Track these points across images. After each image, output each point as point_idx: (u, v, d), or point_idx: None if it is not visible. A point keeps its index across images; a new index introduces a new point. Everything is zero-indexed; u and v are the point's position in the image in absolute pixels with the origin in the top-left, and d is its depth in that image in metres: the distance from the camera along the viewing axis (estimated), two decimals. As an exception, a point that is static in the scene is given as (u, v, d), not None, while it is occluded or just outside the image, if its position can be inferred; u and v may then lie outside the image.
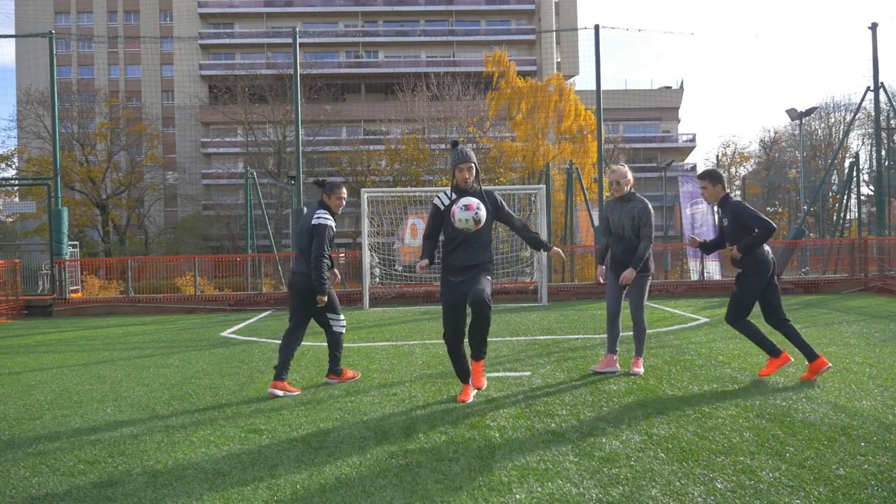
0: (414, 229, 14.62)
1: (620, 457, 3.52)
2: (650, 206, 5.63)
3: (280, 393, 5.18)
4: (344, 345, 8.16)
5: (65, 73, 48.67)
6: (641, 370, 5.66)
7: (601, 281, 5.98)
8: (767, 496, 2.95)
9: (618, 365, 5.76)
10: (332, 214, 5.47)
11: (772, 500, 2.91)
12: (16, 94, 40.91)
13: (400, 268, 14.67)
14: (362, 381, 5.73)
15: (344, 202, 5.61)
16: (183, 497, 3.17)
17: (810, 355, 5.19)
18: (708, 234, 19.11)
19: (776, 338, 5.52)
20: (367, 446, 3.86)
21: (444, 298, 4.89)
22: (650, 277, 5.73)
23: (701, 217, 19.36)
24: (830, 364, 5.29)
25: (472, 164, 4.74)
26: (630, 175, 5.70)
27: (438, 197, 4.87)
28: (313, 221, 5.32)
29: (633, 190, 5.71)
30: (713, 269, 16.78)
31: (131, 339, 9.42)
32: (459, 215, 4.54)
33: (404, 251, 14.94)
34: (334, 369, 5.70)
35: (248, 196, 18.18)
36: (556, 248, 5.04)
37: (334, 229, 5.44)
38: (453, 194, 4.78)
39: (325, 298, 5.35)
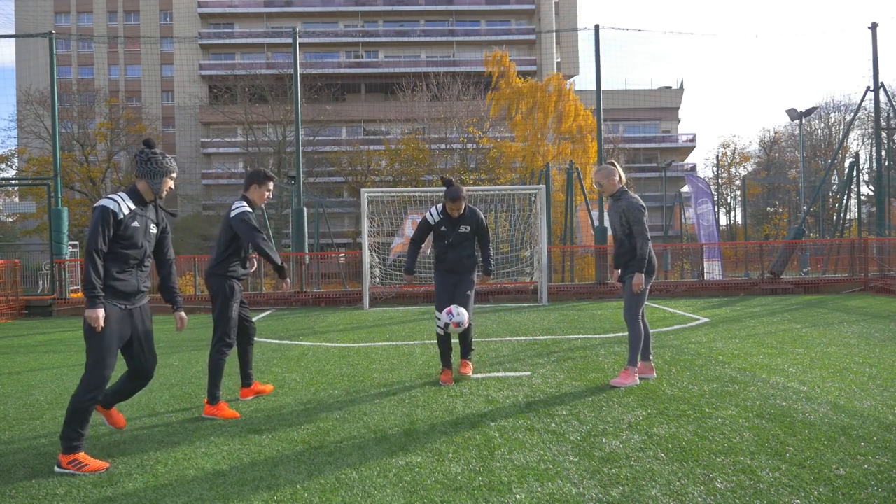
0: (415, 224, 14.65)
1: (620, 457, 3.52)
2: (638, 202, 5.26)
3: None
4: (344, 345, 8.17)
5: (65, 73, 48.72)
6: (629, 382, 5.15)
7: (614, 282, 5.68)
8: (767, 496, 2.95)
9: (637, 378, 5.27)
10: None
11: (772, 500, 2.92)
12: (16, 94, 40.93)
13: (389, 260, 14.65)
14: (362, 381, 5.73)
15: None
16: (183, 497, 3.17)
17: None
18: (712, 234, 19.13)
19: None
20: (367, 446, 3.86)
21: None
22: (647, 278, 5.29)
23: (706, 216, 19.40)
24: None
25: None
26: (617, 174, 5.36)
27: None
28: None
29: (624, 188, 5.38)
30: (714, 268, 16.79)
31: (131, 339, 9.41)
32: (453, 330, 5.41)
33: (396, 247, 14.96)
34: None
35: (248, 196, 18.17)
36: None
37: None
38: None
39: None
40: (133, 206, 3.79)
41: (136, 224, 3.78)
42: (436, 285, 5.75)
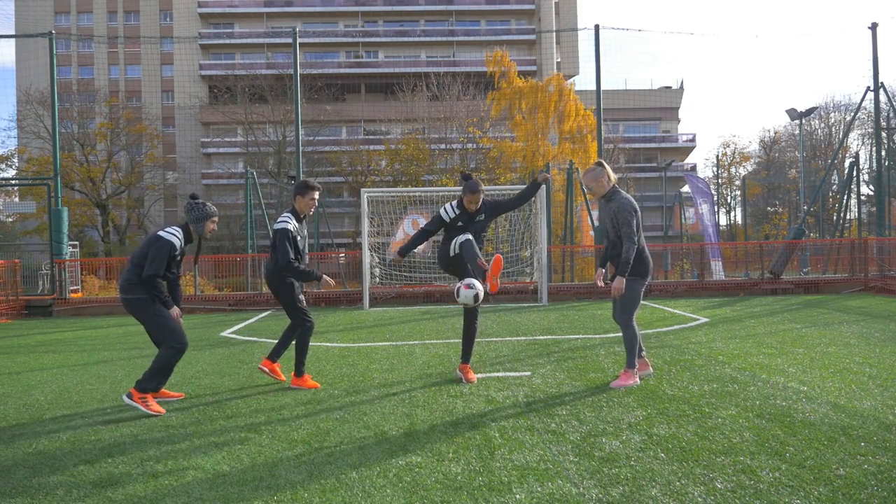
0: (415, 224, 14.65)
1: (620, 457, 3.52)
2: (630, 203, 5.12)
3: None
4: (344, 345, 8.18)
5: (65, 73, 48.73)
6: (628, 383, 5.13)
7: (599, 284, 5.55)
8: (767, 496, 2.95)
9: (637, 379, 5.26)
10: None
11: (772, 500, 2.92)
12: (16, 94, 40.93)
13: (388, 258, 14.68)
14: (362, 381, 5.73)
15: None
16: (183, 497, 3.17)
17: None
18: (712, 233, 19.13)
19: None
20: (367, 446, 3.86)
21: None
22: (641, 280, 5.22)
23: (705, 216, 19.41)
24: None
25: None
26: (606, 176, 5.25)
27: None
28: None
29: (616, 187, 5.28)
30: (716, 268, 16.78)
31: (131, 339, 9.41)
32: (463, 294, 5.19)
33: (394, 244, 14.98)
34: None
35: (248, 196, 18.18)
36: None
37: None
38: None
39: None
40: (183, 244, 4.98)
41: (179, 259, 5.02)
42: (467, 246, 5.49)
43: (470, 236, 5.40)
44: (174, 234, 4.88)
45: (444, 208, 5.59)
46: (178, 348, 4.88)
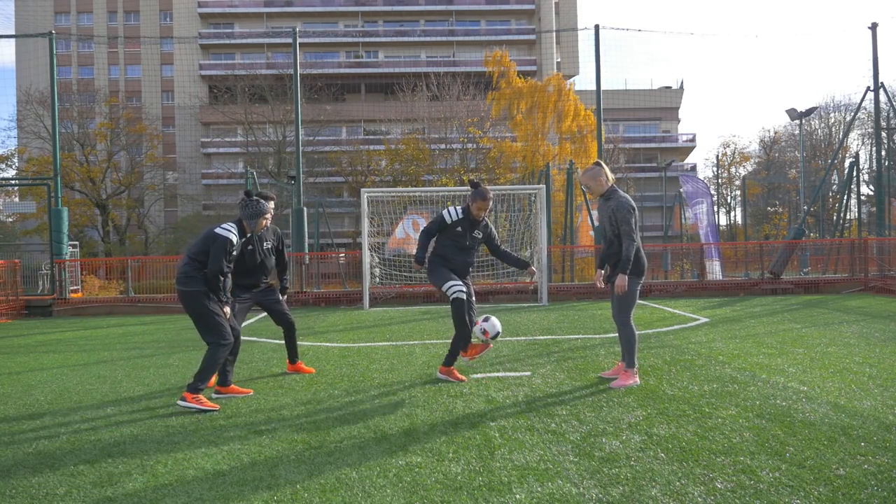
0: (415, 224, 14.65)
1: (620, 457, 3.52)
2: (628, 202, 5.14)
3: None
4: (344, 345, 8.18)
5: (65, 73, 48.75)
6: (628, 383, 5.14)
7: (599, 286, 5.50)
8: (767, 496, 2.95)
9: (637, 379, 5.28)
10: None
11: (772, 500, 2.92)
12: (16, 94, 40.93)
13: (387, 256, 14.69)
14: (362, 381, 5.73)
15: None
16: (183, 497, 3.17)
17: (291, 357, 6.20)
18: (710, 233, 19.13)
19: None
20: (367, 446, 3.86)
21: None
22: (637, 279, 5.22)
23: (703, 216, 19.41)
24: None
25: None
26: (604, 175, 5.27)
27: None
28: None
29: (614, 186, 5.30)
30: (714, 268, 16.78)
31: (131, 339, 9.41)
32: (492, 330, 5.57)
33: (393, 241, 14.99)
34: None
35: (248, 196, 18.16)
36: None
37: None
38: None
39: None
40: (238, 238, 5.16)
41: (235, 253, 5.19)
42: (437, 270, 5.51)
43: (465, 293, 5.39)
44: (230, 231, 5.08)
45: (448, 210, 5.50)
46: (223, 345, 4.99)
